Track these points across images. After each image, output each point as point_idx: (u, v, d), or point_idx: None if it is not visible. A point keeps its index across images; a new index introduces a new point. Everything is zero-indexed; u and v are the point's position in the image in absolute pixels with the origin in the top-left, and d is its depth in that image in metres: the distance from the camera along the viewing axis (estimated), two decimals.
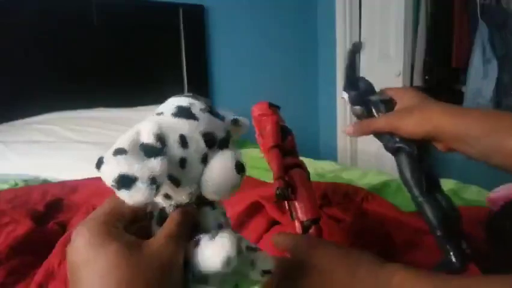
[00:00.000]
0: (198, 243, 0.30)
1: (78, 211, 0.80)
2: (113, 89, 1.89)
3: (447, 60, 2.38)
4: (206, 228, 0.33)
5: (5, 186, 1.02)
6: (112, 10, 1.93)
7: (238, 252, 0.29)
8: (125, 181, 0.25)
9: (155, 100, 1.97)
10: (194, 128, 0.29)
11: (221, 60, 2.38)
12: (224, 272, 0.29)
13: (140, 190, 0.25)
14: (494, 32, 2.27)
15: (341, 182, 0.95)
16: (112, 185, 0.25)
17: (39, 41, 1.77)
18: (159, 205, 0.32)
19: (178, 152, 0.28)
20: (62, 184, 1.00)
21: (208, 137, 0.30)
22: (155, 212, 0.32)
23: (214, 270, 0.29)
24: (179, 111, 0.30)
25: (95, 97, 1.80)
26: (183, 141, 0.29)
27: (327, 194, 0.81)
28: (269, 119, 0.55)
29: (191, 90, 2.21)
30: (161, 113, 0.31)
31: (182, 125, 0.29)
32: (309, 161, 1.32)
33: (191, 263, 0.30)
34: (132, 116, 1.73)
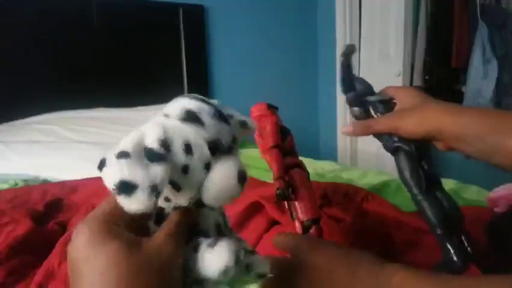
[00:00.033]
0: (197, 249, 0.30)
1: (78, 211, 0.80)
2: (113, 89, 1.89)
3: (447, 60, 2.38)
4: (205, 228, 0.33)
5: (5, 186, 1.02)
6: (112, 10, 1.93)
7: (236, 262, 0.29)
8: (125, 188, 0.25)
9: (155, 100, 1.98)
10: (200, 135, 0.29)
11: (221, 60, 2.38)
12: (222, 280, 0.29)
13: (140, 198, 0.25)
14: (494, 32, 2.27)
15: (341, 182, 0.95)
16: (113, 190, 0.25)
17: (39, 41, 1.77)
18: (157, 204, 0.32)
19: (182, 159, 0.28)
20: (62, 184, 1.00)
21: (213, 144, 0.29)
22: (153, 212, 0.32)
23: (211, 278, 0.29)
24: (187, 116, 0.29)
25: (95, 97, 1.80)
26: (188, 148, 0.28)
27: (327, 194, 0.81)
28: (268, 120, 0.55)
29: (191, 90, 2.21)
30: (168, 115, 0.30)
31: (188, 131, 0.29)
32: (309, 161, 1.32)
33: (188, 267, 0.30)
34: (132, 116, 1.73)
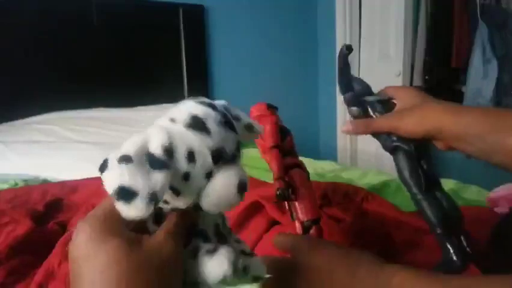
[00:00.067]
0: (196, 252, 0.30)
1: (78, 211, 0.80)
2: (113, 89, 1.89)
3: (447, 60, 2.37)
4: (203, 228, 0.33)
5: (5, 186, 1.02)
6: (112, 10, 1.93)
7: (234, 271, 0.29)
8: (124, 194, 0.25)
9: (155, 100, 1.98)
10: (204, 144, 0.28)
11: (221, 60, 2.38)
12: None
13: (138, 206, 0.25)
14: (494, 32, 2.27)
15: (341, 182, 0.95)
16: (112, 194, 0.25)
17: (39, 41, 1.77)
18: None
19: (184, 167, 0.28)
20: (62, 184, 1.00)
21: (216, 153, 0.29)
22: (152, 212, 0.32)
23: (209, 284, 0.29)
24: (193, 122, 0.29)
25: (95, 97, 1.80)
26: (191, 156, 0.28)
27: (327, 194, 0.81)
28: (268, 120, 0.55)
29: (191, 90, 2.21)
30: (174, 120, 0.29)
31: (193, 139, 0.28)
32: (309, 161, 1.32)
33: (186, 268, 0.30)
34: (132, 116, 1.73)
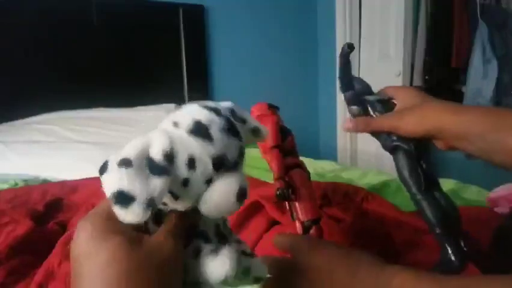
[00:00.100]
0: (198, 252, 0.30)
1: (78, 211, 0.80)
2: (113, 89, 1.89)
3: (447, 60, 2.37)
4: (204, 229, 0.33)
5: (5, 186, 1.02)
6: (112, 10, 1.93)
7: (236, 271, 0.29)
8: (122, 198, 0.25)
9: (155, 100, 1.98)
10: (206, 151, 0.28)
11: (221, 60, 2.38)
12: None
13: (135, 211, 0.25)
14: (494, 32, 2.27)
15: (341, 182, 0.95)
16: (110, 198, 0.25)
17: (39, 41, 1.77)
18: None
19: (184, 173, 0.28)
20: (62, 184, 1.00)
21: (218, 160, 0.29)
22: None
23: (213, 284, 0.29)
24: (196, 128, 0.28)
25: (95, 97, 1.80)
26: (191, 163, 0.28)
27: (327, 194, 0.81)
28: (269, 120, 0.55)
29: (191, 90, 2.21)
30: (177, 124, 0.29)
31: (195, 146, 0.28)
32: (309, 161, 1.32)
33: (187, 268, 0.30)
34: (132, 116, 1.73)
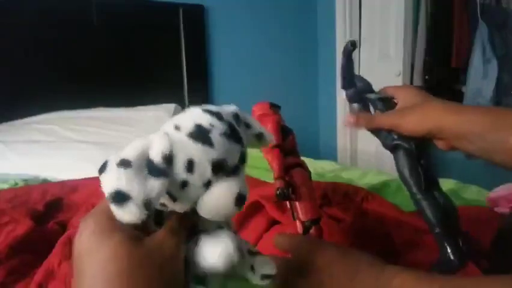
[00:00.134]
0: (198, 242, 0.30)
1: (78, 211, 0.79)
2: (113, 89, 1.89)
3: (447, 60, 2.37)
4: (205, 228, 0.32)
5: (5, 185, 1.02)
6: (112, 10, 1.93)
7: (238, 251, 0.29)
8: (119, 198, 0.25)
9: (155, 100, 1.98)
10: (205, 155, 0.28)
11: (221, 60, 2.38)
12: (224, 271, 0.29)
13: (131, 211, 0.25)
14: (494, 32, 2.27)
15: (341, 182, 0.95)
16: (107, 197, 0.26)
17: (39, 41, 1.77)
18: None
19: (182, 175, 0.28)
20: (62, 184, 1.00)
21: (217, 164, 0.29)
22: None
23: (214, 268, 0.29)
24: (197, 132, 0.29)
25: (95, 97, 1.80)
26: (190, 165, 0.28)
27: (327, 194, 0.81)
28: (270, 119, 0.54)
29: (191, 90, 2.21)
30: (178, 127, 0.29)
31: (194, 150, 0.28)
32: (309, 161, 1.31)
33: (191, 263, 0.30)
34: (132, 116, 1.73)
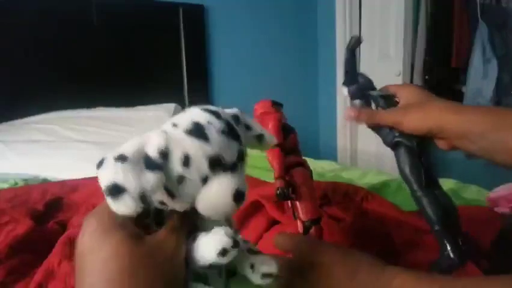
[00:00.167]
0: (195, 238, 0.30)
1: (78, 210, 0.79)
2: (113, 89, 1.89)
3: (447, 60, 2.38)
4: (205, 229, 0.32)
5: (5, 185, 1.02)
6: (112, 10, 1.93)
7: (234, 243, 0.29)
8: (115, 191, 0.26)
9: (155, 100, 1.98)
10: (202, 151, 0.29)
11: (221, 60, 2.38)
12: (219, 264, 0.29)
13: (126, 204, 0.26)
14: (494, 32, 2.27)
15: (341, 182, 0.95)
16: (104, 190, 0.26)
17: (39, 41, 1.77)
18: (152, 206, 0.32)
19: (178, 170, 0.28)
20: (62, 183, 1.00)
21: (214, 160, 0.29)
22: (151, 210, 0.32)
23: (210, 262, 0.29)
24: (193, 129, 0.29)
25: (95, 97, 1.80)
26: (186, 160, 0.28)
27: (327, 194, 0.81)
28: (271, 117, 0.54)
29: (191, 90, 2.21)
30: (176, 125, 0.30)
31: (190, 145, 0.29)
32: (309, 161, 1.31)
33: (190, 260, 0.30)
34: (132, 116, 1.73)
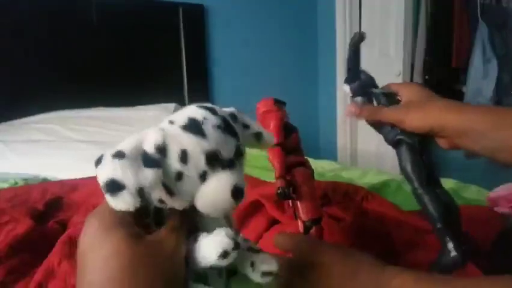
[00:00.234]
0: (196, 239, 0.30)
1: (78, 210, 0.79)
2: (113, 89, 1.89)
3: (447, 60, 2.38)
4: (205, 228, 0.32)
5: (5, 185, 1.02)
6: (112, 10, 1.93)
7: (235, 245, 0.29)
8: (113, 187, 0.26)
9: (155, 100, 1.98)
10: (199, 146, 0.29)
11: (221, 60, 2.38)
12: (219, 266, 0.29)
13: (125, 200, 0.26)
14: (494, 32, 2.27)
15: (341, 181, 0.95)
16: (102, 187, 0.26)
17: (39, 41, 1.77)
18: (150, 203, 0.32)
19: (176, 166, 0.28)
20: (62, 183, 1.00)
21: (211, 156, 0.29)
22: (151, 208, 0.32)
23: (211, 263, 0.29)
24: (189, 124, 0.29)
25: (95, 97, 1.80)
26: (183, 156, 0.28)
27: (327, 193, 0.81)
28: (273, 116, 0.54)
29: (191, 90, 2.21)
30: (173, 122, 0.30)
31: (187, 141, 0.29)
32: (309, 161, 1.31)
33: (190, 261, 0.30)
34: (132, 116, 1.73)
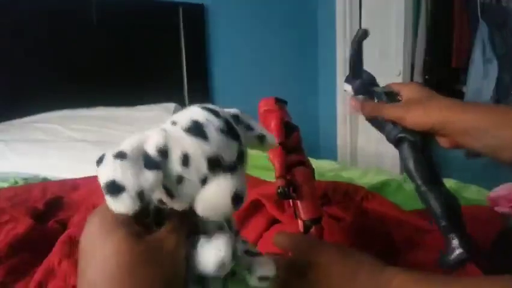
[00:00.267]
0: (195, 244, 0.30)
1: (78, 209, 0.79)
2: (113, 89, 1.89)
3: (447, 60, 2.37)
4: (206, 229, 0.32)
5: (5, 184, 1.02)
6: (112, 9, 1.93)
7: (231, 256, 0.29)
8: (113, 188, 0.25)
9: (155, 99, 1.98)
10: (200, 150, 0.28)
11: (221, 60, 2.38)
12: (216, 276, 0.29)
13: (124, 201, 0.26)
14: (494, 31, 2.27)
15: (341, 181, 0.95)
16: (102, 187, 0.26)
17: (39, 41, 1.77)
18: (151, 204, 0.32)
19: (178, 169, 0.28)
20: (62, 182, 1.00)
21: (213, 160, 0.29)
22: (151, 208, 0.32)
23: (209, 272, 0.29)
24: (192, 127, 0.29)
25: (95, 96, 1.80)
26: (185, 160, 0.28)
27: (327, 193, 0.81)
28: (274, 115, 0.54)
29: (191, 90, 2.21)
30: (175, 123, 0.30)
31: (189, 144, 0.28)
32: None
33: (189, 264, 0.30)
34: (132, 115, 1.73)
